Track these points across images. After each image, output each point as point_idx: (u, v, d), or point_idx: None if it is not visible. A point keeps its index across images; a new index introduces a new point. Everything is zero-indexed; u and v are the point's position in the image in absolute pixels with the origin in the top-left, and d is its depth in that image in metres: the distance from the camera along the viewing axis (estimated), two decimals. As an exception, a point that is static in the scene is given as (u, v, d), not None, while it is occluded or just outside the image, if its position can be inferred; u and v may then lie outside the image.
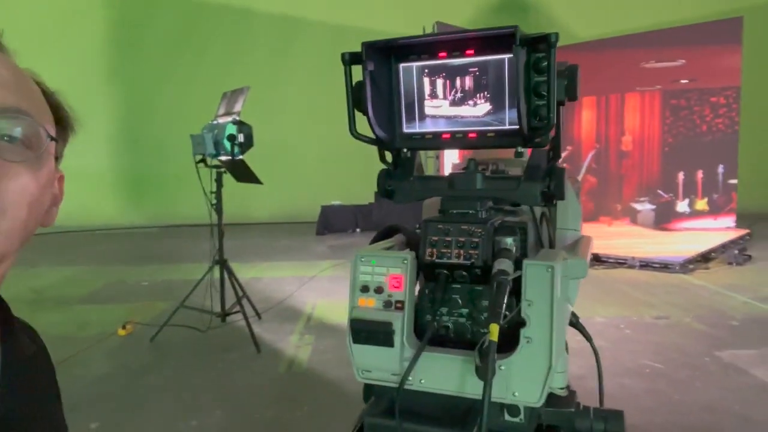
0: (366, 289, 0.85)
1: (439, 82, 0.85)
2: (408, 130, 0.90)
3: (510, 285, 0.75)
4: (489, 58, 0.81)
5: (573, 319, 0.98)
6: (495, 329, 0.70)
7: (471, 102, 0.84)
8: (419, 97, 0.87)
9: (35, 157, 0.64)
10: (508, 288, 0.74)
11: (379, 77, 0.86)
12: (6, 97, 0.61)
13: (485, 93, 0.83)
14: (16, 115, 0.62)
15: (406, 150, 0.92)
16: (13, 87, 0.63)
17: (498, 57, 0.81)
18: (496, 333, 0.69)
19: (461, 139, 0.87)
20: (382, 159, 0.94)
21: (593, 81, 8.17)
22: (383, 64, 0.86)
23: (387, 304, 0.84)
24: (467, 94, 0.84)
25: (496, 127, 0.84)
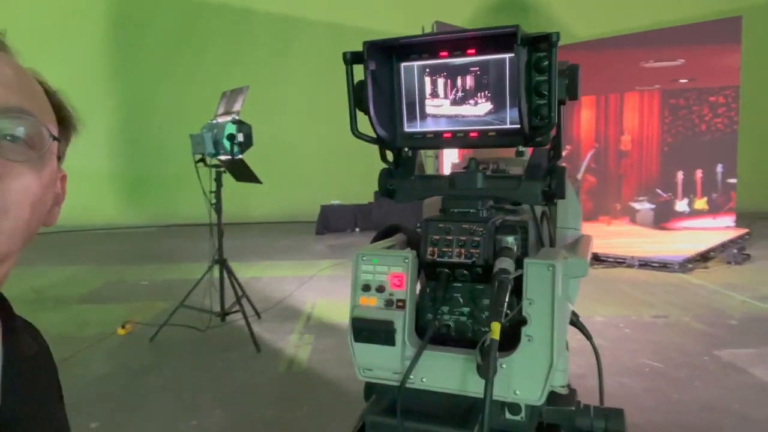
0: (367, 288, 0.85)
1: (440, 82, 0.86)
2: (409, 129, 0.90)
3: (511, 284, 0.76)
4: (490, 57, 0.81)
5: (573, 318, 0.98)
6: (496, 327, 0.70)
7: (472, 101, 0.84)
8: (420, 96, 0.87)
9: (38, 157, 0.64)
10: (509, 287, 0.75)
11: (381, 76, 0.86)
12: (9, 97, 0.62)
13: (486, 92, 0.83)
14: (18, 115, 0.62)
15: (407, 149, 0.92)
16: (16, 87, 0.63)
17: (499, 56, 0.81)
18: (497, 331, 0.70)
19: (462, 138, 0.87)
20: (383, 158, 0.94)
21: (592, 80, 8.17)
22: (385, 64, 0.86)
23: (388, 302, 0.84)
24: (468, 93, 0.84)
25: (497, 126, 0.84)
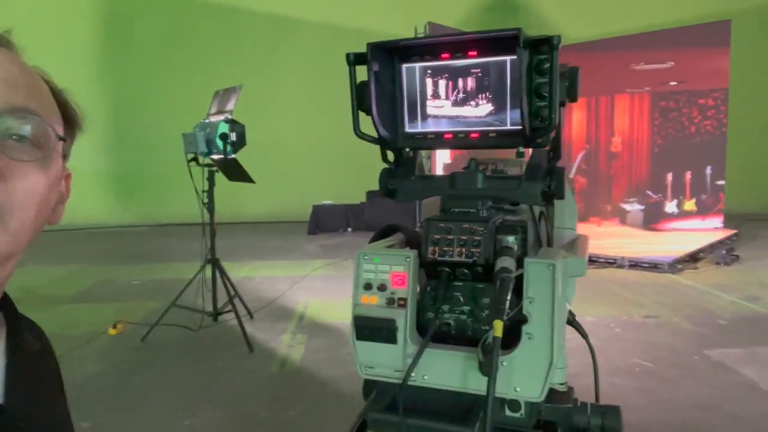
0: (369, 286, 0.86)
1: (442, 83, 0.86)
2: (410, 129, 0.91)
3: (513, 282, 0.77)
4: (491, 59, 0.82)
5: (570, 317, 0.99)
6: (499, 326, 0.71)
7: (473, 102, 0.85)
8: (422, 97, 0.88)
9: (44, 157, 0.64)
10: (511, 285, 0.76)
11: (383, 77, 0.87)
12: (15, 97, 0.62)
13: (487, 94, 0.84)
14: (24, 115, 0.62)
15: (408, 149, 0.93)
16: (22, 86, 0.63)
17: (500, 58, 0.82)
18: (500, 329, 0.71)
19: (463, 139, 0.88)
20: (384, 158, 0.95)
21: (583, 82, 7.92)
22: (387, 65, 0.87)
23: (390, 301, 0.85)
24: (469, 94, 0.85)
25: (498, 127, 0.85)
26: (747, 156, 10.40)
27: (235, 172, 4.10)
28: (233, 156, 3.98)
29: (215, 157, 4.07)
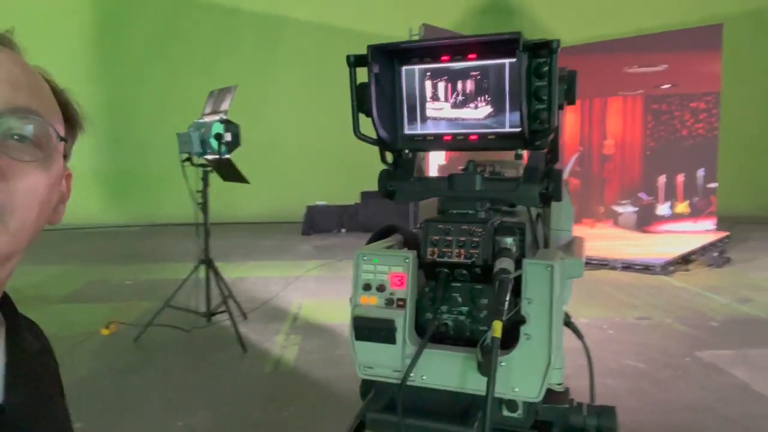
0: (368, 287, 0.86)
1: (441, 85, 0.87)
2: (410, 131, 0.91)
3: (511, 283, 0.77)
4: (490, 62, 0.83)
5: (566, 319, 1.00)
6: (498, 326, 0.71)
7: (472, 105, 0.86)
8: (421, 99, 0.89)
9: (45, 157, 0.64)
10: (510, 286, 0.76)
11: (383, 79, 0.87)
12: (17, 97, 0.61)
13: (486, 96, 0.85)
14: (26, 115, 0.62)
15: (408, 151, 0.94)
16: (24, 86, 0.63)
17: (499, 61, 0.82)
18: (499, 330, 0.71)
19: (462, 141, 0.88)
20: (383, 159, 0.95)
21: (577, 85, 8.24)
22: (387, 67, 0.87)
23: (389, 302, 0.85)
24: (468, 97, 0.86)
25: (497, 129, 0.85)
26: (739, 159, 10.49)
27: (230, 173, 4.09)
28: (228, 156, 3.97)
29: (210, 157, 4.07)
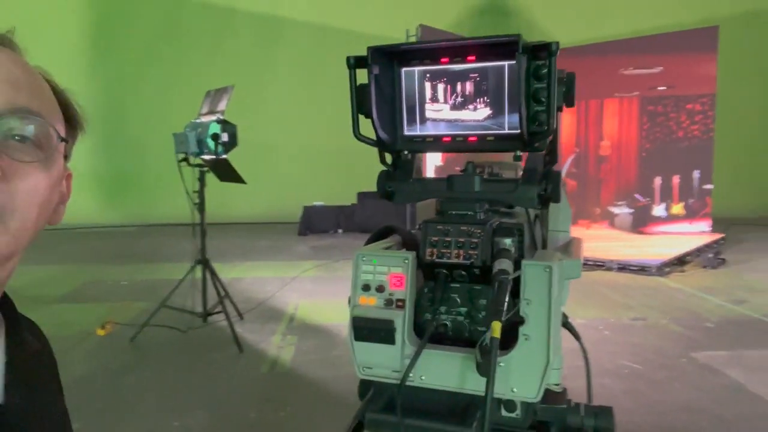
0: (367, 287, 0.87)
1: (441, 87, 0.87)
2: (409, 132, 0.91)
3: (510, 284, 0.78)
4: (489, 64, 0.83)
5: (563, 319, 1.01)
6: (497, 326, 0.72)
7: (471, 106, 0.86)
8: (420, 100, 0.89)
9: (45, 158, 0.64)
10: (509, 287, 0.77)
11: (383, 81, 0.87)
12: (17, 97, 0.61)
13: (485, 98, 0.85)
14: (27, 115, 0.62)
15: (407, 152, 0.94)
16: (25, 86, 0.63)
17: (498, 63, 0.83)
18: (498, 330, 0.71)
19: (461, 143, 0.89)
20: (383, 161, 0.95)
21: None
22: (387, 68, 0.87)
23: (388, 302, 0.85)
24: (468, 98, 0.86)
25: (496, 131, 0.86)
26: (734, 161, 10.54)
27: (226, 173, 4.09)
28: (224, 156, 3.97)
29: (206, 157, 4.06)
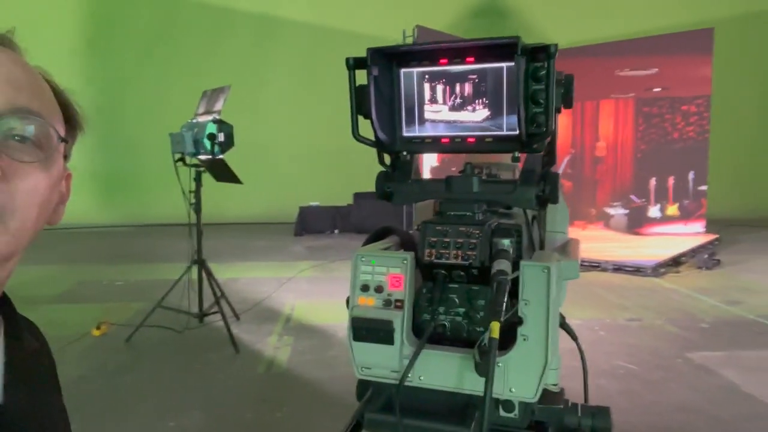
0: (366, 288, 0.87)
1: (439, 88, 0.88)
2: (408, 133, 0.92)
3: (509, 285, 0.78)
4: (488, 66, 0.84)
5: (560, 320, 1.01)
6: (496, 327, 0.72)
7: (470, 107, 0.86)
8: (419, 101, 0.89)
9: (45, 158, 0.64)
10: (507, 288, 0.77)
11: (382, 82, 0.88)
12: (18, 97, 0.62)
13: (484, 99, 0.85)
14: (27, 116, 0.62)
15: (406, 153, 0.94)
16: (25, 86, 0.63)
17: (497, 65, 0.83)
18: (497, 330, 0.72)
19: (460, 144, 0.89)
20: (381, 161, 0.96)
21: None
22: (386, 69, 0.88)
23: (387, 302, 0.86)
24: (466, 99, 0.86)
25: (494, 132, 0.86)
26: (729, 162, 10.58)
27: (223, 173, 4.08)
28: (221, 156, 3.96)
29: (202, 157, 4.06)
